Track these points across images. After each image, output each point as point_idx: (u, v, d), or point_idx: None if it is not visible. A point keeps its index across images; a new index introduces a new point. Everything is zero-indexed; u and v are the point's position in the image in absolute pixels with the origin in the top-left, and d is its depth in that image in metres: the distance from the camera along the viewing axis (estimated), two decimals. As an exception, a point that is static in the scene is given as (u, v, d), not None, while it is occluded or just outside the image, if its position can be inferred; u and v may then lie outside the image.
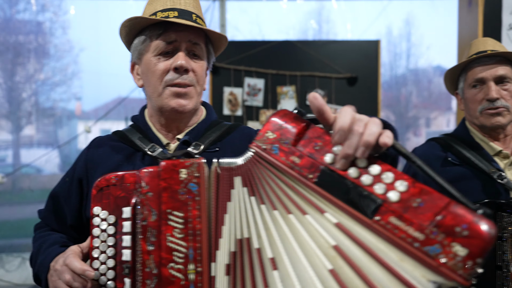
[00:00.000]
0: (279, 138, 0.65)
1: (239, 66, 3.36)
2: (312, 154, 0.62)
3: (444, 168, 1.27)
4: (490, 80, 1.22)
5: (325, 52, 3.40)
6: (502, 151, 1.24)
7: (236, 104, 3.38)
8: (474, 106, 1.26)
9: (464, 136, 1.32)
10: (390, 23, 4.63)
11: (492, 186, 1.19)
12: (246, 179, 0.67)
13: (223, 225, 0.67)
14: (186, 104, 0.98)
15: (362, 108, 3.10)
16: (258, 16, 4.09)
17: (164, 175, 0.67)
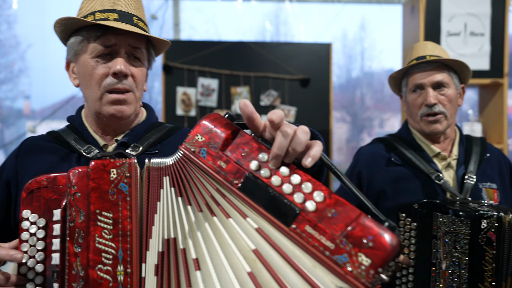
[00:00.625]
0: (207, 142, 0.66)
1: (193, 66, 3.33)
2: (239, 160, 0.63)
3: (388, 168, 1.32)
4: (428, 86, 1.27)
5: (278, 53, 3.43)
6: (440, 153, 1.30)
7: (190, 105, 3.34)
8: (415, 110, 1.31)
9: (406, 137, 1.37)
10: (345, 27, 4.76)
11: (430, 186, 1.25)
12: (174, 180, 0.67)
13: (153, 225, 0.66)
14: (125, 110, 0.96)
15: (315, 109, 3.17)
16: (214, 16, 4.09)
17: (93, 175, 0.66)
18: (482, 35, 2.57)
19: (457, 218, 1.04)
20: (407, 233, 1.15)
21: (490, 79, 2.58)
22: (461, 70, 1.32)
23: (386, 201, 1.29)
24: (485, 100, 2.75)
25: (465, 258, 1.02)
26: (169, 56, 3.30)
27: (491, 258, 1.00)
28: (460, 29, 2.56)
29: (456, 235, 1.04)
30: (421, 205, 1.13)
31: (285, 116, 2.96)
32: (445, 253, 1.06)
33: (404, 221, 1.16)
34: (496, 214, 1.01)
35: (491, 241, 1.00)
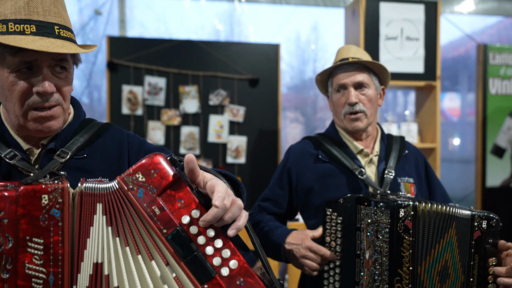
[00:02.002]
0: (147, 184, 0.68)
1: (139, 64, 3.27)
2: (172, 212, 0.67)
3: (315, 165, 1.36)
4: (350, 85, 1.33)
5: (227, 53, 3.44)
6: (363, 150, 1.36)
7: (136, 103, 3.27)
8: (339, 109, 1.37)
9: (333, 135, 1.42)
10: (298, 28, 4.85)
11: (354, 181, 1.31)
12: (106, 208, 0.69)
13: (85, 249, 0.67)
14: (53, 125, 0.90)
15: (264, 109, 3.19)
16: (164, 14, 4.02)
17: (23, 201, 0.63)
18: (417, 40, 2.71)
19: (378, 209, 1.10)
20: (333, 227, 1.20)
21: (424, 82, 2.73)
22: (380, 72, 1.39)
23: (314, 197, 1.34)
24: (421, 102, 2.91)
25: (386, 246, 1.09)
26: (114, 53, 3.21)
27: (408, 245, 1.07)
28: (397, 34, 2.69)
29: (377, 225, 1.10)
30: (346, 200, 1.18)
31: (234, 115, 2.97)
32: (368, 243, 1.12)
33: (330, 216, 1.21)
34: (412, 203, 1.08)
35: (408, 229, 1.07)
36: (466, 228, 1.11)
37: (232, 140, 3.42)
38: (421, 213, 1.09)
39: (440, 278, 1.09)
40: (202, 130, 3.38)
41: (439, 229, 1.10)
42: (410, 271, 1.07)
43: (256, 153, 3.48)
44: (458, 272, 1.10)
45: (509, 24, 4.90)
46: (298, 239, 1.23)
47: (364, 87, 1.35)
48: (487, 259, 1.10)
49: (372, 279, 1.11)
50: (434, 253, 1.09)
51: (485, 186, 3.68)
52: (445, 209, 1.11)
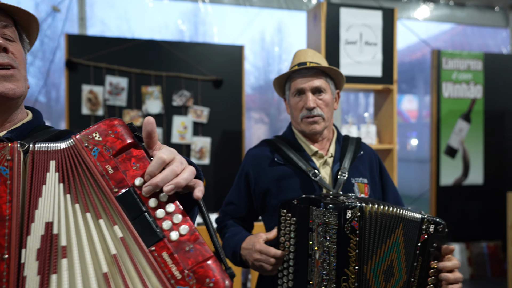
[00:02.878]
0: (103, 143, 0.66)
1: (100, 63, 3.19)
2: (126, 172, 0.65)
3: (272, 168, 1.38)
4: (308, 90, 1.36)
5: (191, 54, 3.43)
6: (318, 152, 1.40)
7: (97, 103, 3.20)
8: (297, 112, 1.39)
9: (290, 138, 1.45)
10: (263, 30, 4.88)
11: (309, 183, 1.34)
12: (59, 166, 0.66)
13: (36, 209, 0.64)
14: (15, 87, 0.87)
15: (228, 110, 3.20)
16: (127, 12, 3.93)
17: None
18: (375, 45, 2.81)
19: (327, 211, 1.13)
20: (287, 228, 1.22)
21: (382, 85, 2.83)
22: (336, 76, 1.43)
23: (271, 199, 1.36)
24: (379, 104, 3.02)
25: (334, 246, 1.12)
26: (73, 52, 3.12)
27: (355, 245, 1.11)
28: (356, 38, 2.78)
29: (326, 226, 1.13)
30: (299, 201, 1.20)
31: (198, 116, 2.93)
32: (318, 243, 1.15)
33: (285, 217, 1.23)
34: (358, 205, 1.12)
35: (354, 229, 1.11)
36: (414, 230, 1.16)
37: (196, 141, 3.41)
38: (368, 214, 1.12)
39: (385, 277, 1.14)
40: (165, 131, 3.35)
41: (386, 229, 1.14)
42: (356, 270, 1.11)
43: (220, 154, 3.49)
44: (402, 271, 1.15)
45: (461, 30, 5.17)
46: (250, 243, 1.25)
47: (322, 92, 1.38)
48: (430, 261, 1.16)
49: (321, 278, 1.14)
50: (380, 253, 1.13)
51: (439, 185, 3.87)
52: (392, 210, 1.15)
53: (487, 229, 4.01)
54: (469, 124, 3.94)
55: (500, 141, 4.06)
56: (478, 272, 3.90)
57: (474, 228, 3.99)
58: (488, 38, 4.83)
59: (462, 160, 3.94)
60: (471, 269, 3.89)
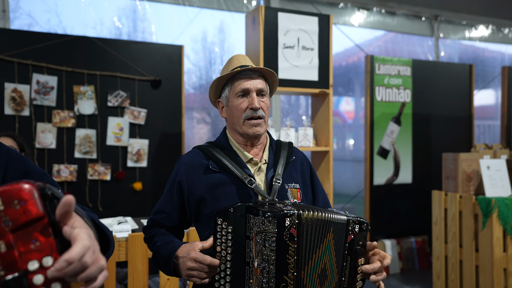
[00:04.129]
0: (4, 213, 0.58)
1: (26, 60, 2.97)
2: (22, 254, 0.58)
3: (206, 176, 1.35)
4: (253, 91, 1.36)
5: (128, 53, 3.30)
6: (253, 159, 1.40)
7: (22, 103, 2.97)
8: (239, 113, 1.37)
9: (224, 144, 1.43)
10: (204, 29, 4.81)
11: (245, 190, 1.33)
12: None
13: None
14: None
15: (167, 111, 3.10)
16: (57, 6, 3.64)
17: None
18: (312, 50, 2.88)
19: (266, 219, 1.13)
20: (224, 237, 1.20)
21: (318, 89, 2.91)
22: (271, 83, 1.45)
23: (206, 207, 1.33)
24: (316, 108, 3.10)
25: (273, 254, 1.12)
26: (-5, 47, 2.88)
27: (293, 252, 1.12)
28: (294, 43, 2.83)
29: (265, 234, 1.13)
30: (236, 209, 1.19)
31: (135, 118, 2.82)
32: (257, 252, 1.15)
33: (221, 225, 1.21)
34: (296, 212, 1.13)
35: (293, 236, 1.12)
36: (342, 232, 1.20)
37: (133, 143, 3.29)
38: (305, 221, 1.14)
39: (320, 280, 1.17)
40: (99, 132, 3.19)
41: (319, 234, 1.17)
42: (295, 276, 1.12)
43: (158, 156, 3.40)
44: (334, 273, 1.18)
45: (392, 37, 5.47)
46: (184, 251, 1.22)
47: (264, 95, 1.39)
48: (357, 259, 1.21)
49: (260, 286, 1.14)
50: (315, 257, 1.16)
51: (373, 184, 4.07)
52: (324, 215, 1.17)
53: (415, 225, 4.28)
54: (400, 127, 4.18)
55: (427, 142, 4.36)
56: (407, 265, 4.15)
57: (403, 224, 4.24)
58: (416, 46, 5.17)
59: (393, 161, 4.17)
60: (401, 263, 4.13)
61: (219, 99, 1.46)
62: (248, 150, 1.42)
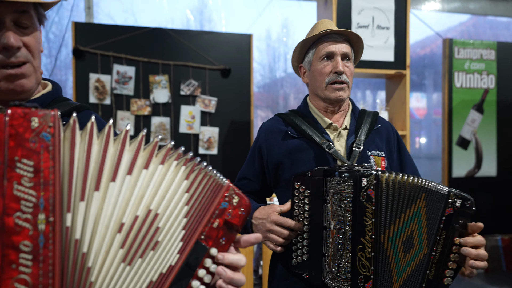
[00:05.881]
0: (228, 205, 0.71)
1: (108, 52, 3.16)
2: (214, 238, 0.69)
3: (285, 141, 1.35)
4: (338, 55, 1.33)
5: (199, 42, 3.39)
6: (332, 124, 1.36)
7: (104, 92, 3.17)
8: (322, 78, 1.35)
9: (304, 111, 1.42)
10: (269, 27, 4.84)
11: (323, 155, 1.30)
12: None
13: (74, 176, 0.64)
14: (25, 84, 0.88)
15: (236, 100, 3.14)
16: (132, 5, 3.89)
17: (12, 121, 0.59)
18: (387, 29, 2.75)
19: (342, 179, 1.10)
20: (301, 201, 1.19)
21: (394, 70, 2.77)
22: (357, 49, 1.42)
23: (284, 172, 1.33)
24: (391, 90, 2.96)
25: (349, 215, 1.08)
26: (80, 40, 3.10)
27: (371, 214, 1.06)
28: (368, 22, 2.72)
29: (341, 195, 1.09)
30: (313, 173, 1.17)
31: (206, 106, 2.91)
32: (333, 213, 1.11)
33: (299, 189, 1.20)
34: (374, 173, 1.07)
35: (370, 198, 1.06)
36: (438, 202, 1.10)
37: (204, 131, 3.37)
38: (385, 183, 1.08)
39: (404, 248, 1.09)
40: (173, 120, 3.31)
41: (406, 199, 1.09)
42: (373, 239, 1.07)
43: (228, 144, 3.45)
44: (423, 243, 1.10)
45: (475, 21, 5.09)
46: (264, 213, 1.22)
47: (348, 60, 1.36)
48: (454, 237, 1.09)
49: (336, 248, 1.10)
50: (399, 223, 1.09)
51: (451, 176, 3.79)
52: (412, 180, 1.10)
53: (500, 222, 3.92)
54: (482, 115, 3.86)
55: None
56: (493, 265, 3.81)
57: (487, 221, 3.90)
58: (501, 29, 4.75)
59: (474, 152, 3.86)
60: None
61: (301, 64, 1.44)
62: (329, 116, 1.39)
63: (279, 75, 5.75)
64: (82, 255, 0.62)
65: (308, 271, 1.17)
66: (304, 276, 1.18)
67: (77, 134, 0.65)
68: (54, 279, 0.56)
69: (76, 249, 0.61)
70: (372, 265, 1.05)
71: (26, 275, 0.54)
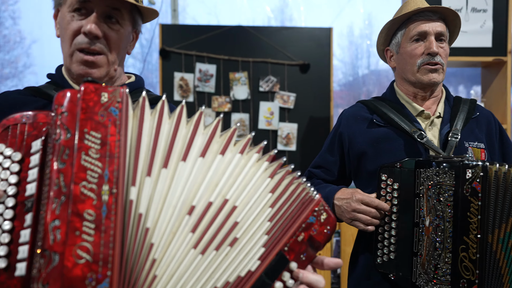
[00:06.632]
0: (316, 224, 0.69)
1: (190, 51, 3.29)
2: (297, 251, 0.67)
3: (369, 129, 1.27)
4: (432, 34, 1.22)
5: (277, 38, 3.38)
6: (424, 111, 1.25)
7: (187, 90, 3.30)
8: (413, 60, 1.24)
9: (390, 98, 1.32)
10: (351, 23, 4.68)
11: (413, 145, 1.20)
12: None
13: (142, 151, 0.65)
14: (93, 73, 0.94)
15: (315, 95, 3.08)
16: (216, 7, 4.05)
17: (84, 96, 0.63)
18: (484, 11, 2.49)
19: (441, 170, 0.98)
20: (389, 194, 1.10)
21: (492, 57, 2.50)
22: (453, 29, 1.28)
23: (367, 162, 1.24)
24: (488, 80, 2.67)
25: (450, 210, 0.97)
26: (166, 41, 3.26)
27: (476, 210, 0.94)
28: (461, 5, 2.48)
29: (440, 188, 0.98)
30: (403, 164, 1.08)
31: (284, 102, 2.89)
32: (429, 208, 1.00)
33: (386, 182, 1.11)
34: (481, 164, 0.95)
35: (476, 192, 0.94)
36: None
37: (282, 127, 3.35)
38: (494, 175, 0.95)
39: None
40: (252, 117, 3.34)
41: None
42: (478, 239, 0.94)
43: (307, 140, 3.39)
44: None
45: None
46: (348, 193, 1.15)
47: (443, 40, 1.24)
48: None
49: (433, 247, 0.99)
50: None
51: None
52: None
53: None
54: None
55: None
56: None
57: None
58: None
59: None
60: None
61: (387, 47, 1.35)
62: (419, 103, 1.28)
63: (361, 73, 5.54)
64: (145, 230, 0.61)
65: (395, 271, 1.08)
66: (390, 276, 1.09)
67: (146, 111, 0.65)
68: (114, 250, 0.56)
69: (140, 223, 0.61)
70: (477, 268, 0.94)
71: (88, 243, 0.55)
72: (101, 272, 0.53)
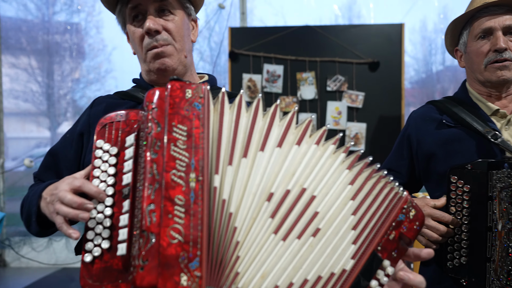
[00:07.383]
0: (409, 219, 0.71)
1: (258, 53, 3.36)
2: (390, 249, 0.69)
3: (439, 130, 1.22)
4: (499, 29, 1.14)
5: (345, 37, 3.33)
6: (499, 111, 1.17)
7: (255, 91, 3.38)
8: (479, 59, 1.18)
9: (462, 97, 1.26)
10: (424, 17, 4.44)
11: (486, 146, 1.13)
12: None
13: (223, 142, 0.70)
14: (167, 61, 1.00)
15: (385, 94, 2.98)
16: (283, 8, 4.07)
17: (171, 93, 0.69)
18: None
19: None
20: (459, 197, 1.04)
21: None
22: None
23: (437, 164, 1.19)
24: None
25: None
26: (235, 44, 3.37)
27: None
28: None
29: None
30: (475, 165, 1.02)
31: (353, 101, 2.85)
32: (501, 211, 0.94)
33: (456, 184, 1.05)
34: None
35: None
36: None
37: (350, 127, 3.30)
38: None
39: None
40: (319, 116, 3.33)
41: None
42: None
43: (376, 140, 3.30)
44: None
45: None
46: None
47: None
48: None
49: (506, 252, 0.94)
50: None
51: None
52: None
53: None
54: None
55: None
56: None
57: None
58: None
59: None
60: None
61: (457, 47, 1.28)
62: (493, 101, 1.20)
63: (435, 69, 5.24)
64: (229, 215, 0.65)
65: (467, 276, 1.03)
66: (462, 282, 1.05)
67: (226, 106, 0.70)
68: (202, 232, 0.60)
69: (224, 208, 0.65)
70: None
71: (180, 225, 0.60)
72: (191, 252, 0.59)
